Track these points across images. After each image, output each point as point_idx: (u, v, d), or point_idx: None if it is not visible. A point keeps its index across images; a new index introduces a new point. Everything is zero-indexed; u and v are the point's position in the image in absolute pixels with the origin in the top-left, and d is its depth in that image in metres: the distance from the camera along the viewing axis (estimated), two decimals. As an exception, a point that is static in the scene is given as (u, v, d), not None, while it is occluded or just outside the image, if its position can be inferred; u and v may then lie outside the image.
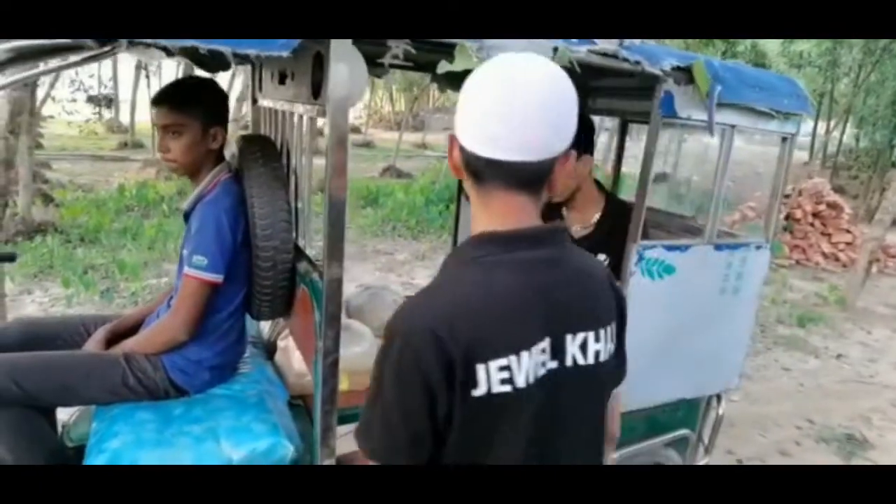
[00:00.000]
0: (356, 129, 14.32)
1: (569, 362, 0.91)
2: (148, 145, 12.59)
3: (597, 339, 0.94)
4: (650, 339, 1.93)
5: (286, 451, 1.56)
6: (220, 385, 1.79)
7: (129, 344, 1.73)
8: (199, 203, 1.69)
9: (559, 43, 1.44)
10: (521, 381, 0.85)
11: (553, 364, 0.90)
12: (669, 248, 1.89)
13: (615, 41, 1.55)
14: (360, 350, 1.99)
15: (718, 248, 1.99)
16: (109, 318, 1.93)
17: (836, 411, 3.92)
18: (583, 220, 2.09)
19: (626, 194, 2.53)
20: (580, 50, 1.49)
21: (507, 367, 0.84)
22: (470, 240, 0.92)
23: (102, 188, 9.00)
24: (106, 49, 1.05)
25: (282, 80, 1.80)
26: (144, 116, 12.27)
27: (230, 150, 1.85)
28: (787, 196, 8.46)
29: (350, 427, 1.04)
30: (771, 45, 10.29)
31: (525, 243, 0.90)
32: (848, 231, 8.16)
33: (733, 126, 1.88)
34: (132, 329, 1.86)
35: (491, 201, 0.91)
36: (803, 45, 10.46)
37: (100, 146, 14.35)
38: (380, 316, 2.26)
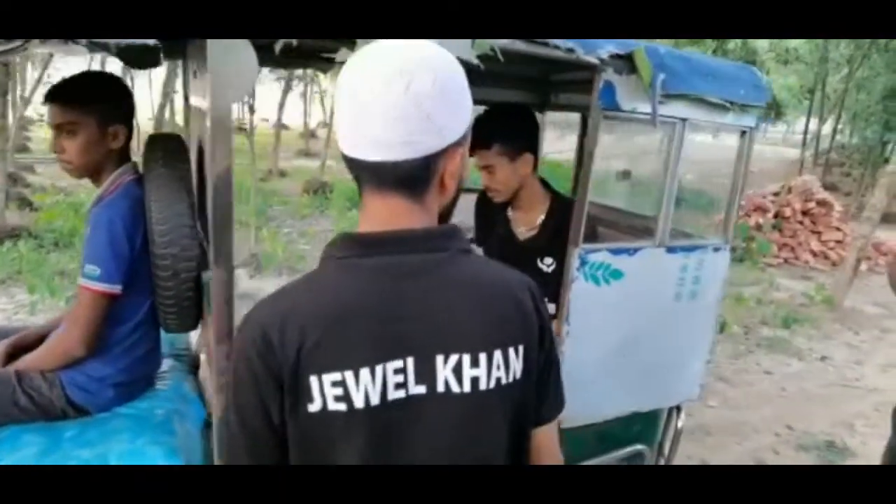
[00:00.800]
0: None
1: (440, 388, 0.78)
2: (135, 148, 12.41)
3: (474, 364, 0.79)
4: (596, 349, 1.80)
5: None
6: (127, 403, 1.65)
7: (25, 360, 1.59)
8: (95, 207, 1.56)
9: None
10: (358, 401, 0.75)
11: (418, 389, 0.78)
12: (615, 252, 1.75)
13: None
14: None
15: (671, 250, 1.85)
16: (18, 331, 1.79)
17: (818, 417, 3.79)
18: (528, 221, 1.95)
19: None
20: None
21: (340, 383, 0.74)
22: (337, 238, 0.83)
23: (83, 192, 8.87)
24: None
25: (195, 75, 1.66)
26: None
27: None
28: (776, 194, 8.34)
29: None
30: (760, 42, 10.18)
31: (390, 247, 0.79)
32: (838, 229, 8.03)
33: (684, 119, 1.75)
34: (36, 343, 1.72)
35: (365, 203, 0.81)
36: (793, 41, 10.34)
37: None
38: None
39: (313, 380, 0.74)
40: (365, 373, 0.75)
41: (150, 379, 1.76)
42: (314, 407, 0.75)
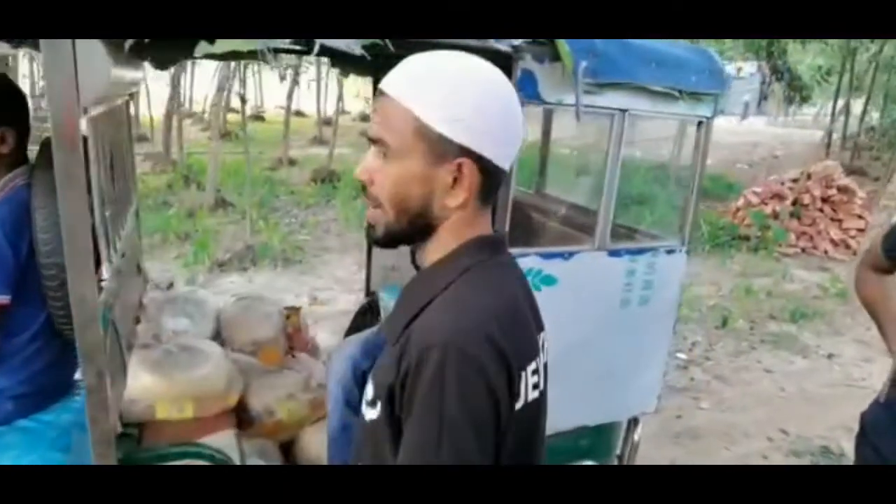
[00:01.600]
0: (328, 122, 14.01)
1: (542, 387, 0.84)
2: (150, 137, 12.54)
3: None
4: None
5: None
6: (30, 416, 1.59)
7: None
8: None
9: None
10: (542, 384, 0.82)
11: (540, 389, 0.83)
12: (546, 256, 1.61)
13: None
14: (204, 372, 1.76)
15: (614, 254, 1.71)
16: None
17: (817, 419, 3.58)
18: None
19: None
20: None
21: (536, 371, 0.79)
22: (461, 248, 0.80)
23: None
24: None
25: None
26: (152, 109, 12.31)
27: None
28: (794, 180, 7.99)
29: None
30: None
31: (502, 247, 0.85)
32: (860, 217, 7.65)
33: (623, 110, 1.59)
34: None
35: (482, 209, 0.81)
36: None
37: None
38: (252, 330, 2.03)
39: (522, 375, 0.75)
40: (529, 370, 0.77)
41: (64, 388, 1.69)
42: (519, 403, 0.75)
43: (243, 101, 6.16)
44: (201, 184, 8.24)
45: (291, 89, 10.95)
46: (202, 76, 12.95)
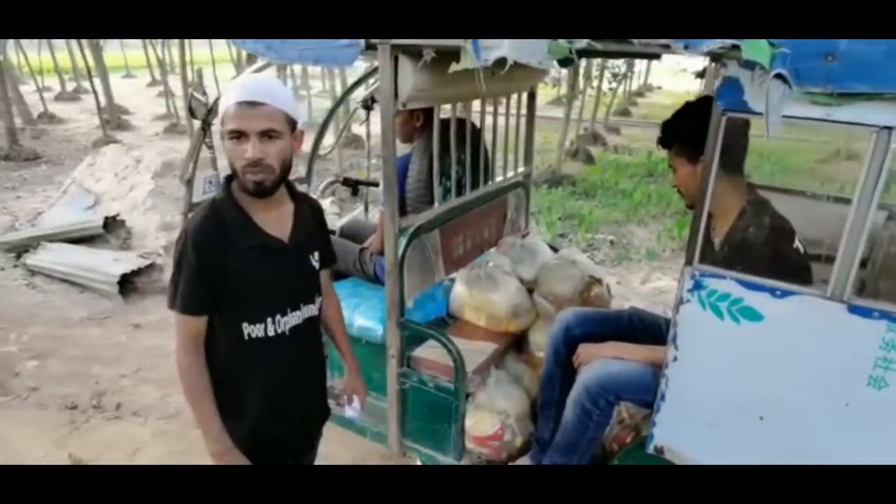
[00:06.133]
0: None
1: None
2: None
3: None
4: (712, 387, 1.54)
5: None
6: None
7: None
8: None
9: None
10: None
11: None
12: (749, 286, 1.43)
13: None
14: (493, 298, 2.36)
15: (857, 311, 1.32)
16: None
17: None
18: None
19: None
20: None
21: None
22: None
23: None
24: None
25: None
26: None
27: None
28: None
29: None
30: None
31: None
32: None
33: (889, 128, 1.21)
34: None
35: None
36: None
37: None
38: (556, 284, 2.49)
39: None
40: None
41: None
42: None
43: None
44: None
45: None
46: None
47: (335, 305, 1.76)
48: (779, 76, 1.23)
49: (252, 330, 1.44)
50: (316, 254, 1.56)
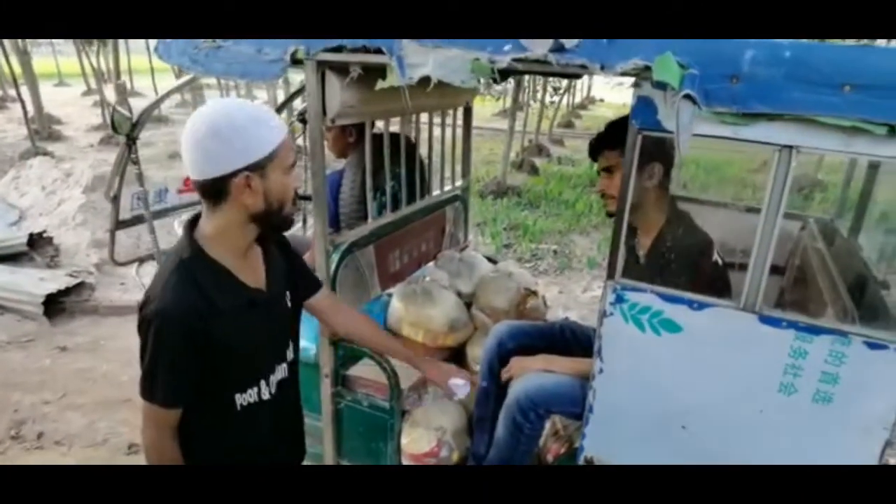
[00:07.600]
0: None
1: None
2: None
3: None
4: (635, 398, 1.58)
5: None
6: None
7: None
8: None
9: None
10: None
11: None
12: (668, 299, 1.47)
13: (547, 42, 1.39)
14: (430, 312, 2.35)
15: (768, 321, 1.38)
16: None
17: None
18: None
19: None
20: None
21: None
22: None
23: None
24: None
25: None
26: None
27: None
28: None
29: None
30: None
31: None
32: None
33: (789, 147, 1.27)
34: None
35: None
36: None
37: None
38: (493, 297, 2.49)
39: None
40: None
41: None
42: None
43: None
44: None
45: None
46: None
47: (364, 320, 1.75)
48: (688, 97, 1.28)
49: (244, 399, 1.30)
50: (288, 293, 1.43)
